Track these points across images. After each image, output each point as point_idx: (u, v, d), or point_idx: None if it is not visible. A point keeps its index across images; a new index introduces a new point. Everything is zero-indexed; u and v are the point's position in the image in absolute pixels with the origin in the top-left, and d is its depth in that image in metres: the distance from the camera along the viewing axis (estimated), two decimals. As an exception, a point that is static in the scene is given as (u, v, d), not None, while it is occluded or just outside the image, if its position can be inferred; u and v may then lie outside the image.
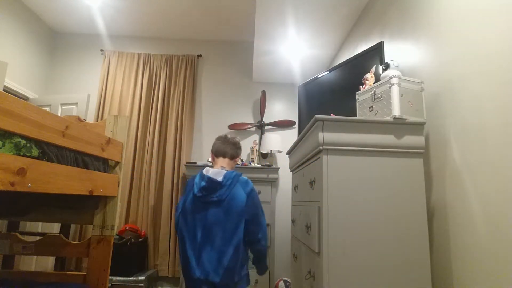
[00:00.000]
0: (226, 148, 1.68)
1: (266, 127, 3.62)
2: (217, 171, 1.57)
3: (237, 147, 1.72)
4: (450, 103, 1.30)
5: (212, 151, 1.73)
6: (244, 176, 1.63)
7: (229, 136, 1.75)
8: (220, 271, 1.41)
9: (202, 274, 1.42)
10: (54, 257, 2.56)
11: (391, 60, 1.52)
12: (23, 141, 0.99)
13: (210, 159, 2.65)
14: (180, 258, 1.55)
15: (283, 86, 3.79)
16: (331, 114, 1.57)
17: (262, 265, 1.64)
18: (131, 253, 2.84)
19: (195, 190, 1.54)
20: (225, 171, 1.57)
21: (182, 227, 1.54)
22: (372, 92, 1.46)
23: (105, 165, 1.58)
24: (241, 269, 1.48)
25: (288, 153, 2.13)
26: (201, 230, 1.48)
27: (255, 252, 1.58)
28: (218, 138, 1.73)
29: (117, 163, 1.70)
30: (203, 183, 1.53)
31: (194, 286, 1.47)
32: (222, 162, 1.67)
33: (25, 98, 3.33)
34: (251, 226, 1.51)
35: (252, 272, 2.89)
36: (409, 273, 1.22)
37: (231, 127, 3.56)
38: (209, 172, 1.57)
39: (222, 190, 1.50)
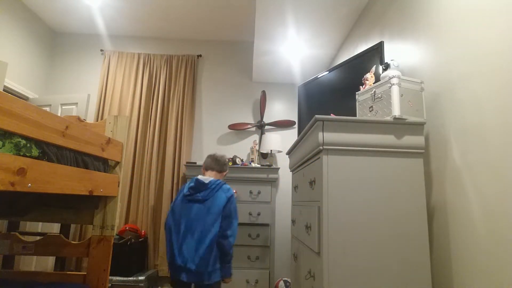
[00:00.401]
0: (213, 164, 1.99)
1: (266, 127, 3.62)
2: (206, 178, 1.89)
3: (223, 164, 2.02)
4: (450, 103, 1.30)
5: (203, 166, 2.03)
6: (228, 185, 1.92)
7: (217, 154, 2.06)
8: (196, 259, 1.65)
9: (182, 261, 1.66)
10: (54, 257, 2.56)
11: (391, 60, 1.52)
12: (23, 141, 0.99)
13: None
14: (166, 248, 1.79)
15: (283, 86, 3.79)
16: (331, 114, 1.57)
17: (226, 264, 1.75)
18: (131, 253, 2.84)
19: (185, 190, 1.85)
20: (212, 178, 1.89)
21: (169, 220, 1.82)
22: (372, 92, 1.46)
23: (105, 165, 1.58)
24: (214, 262, 1.69)
25: (288, 153, 2.13)
26: (184, 223, 1.74)
27: (220, 246, 1.72)
28: (208, 156, 2.05)
29: (117, 163, 1.70)
30: (192, 184, 1.85)
31: (176, 272, 1.69)
32: (210, 174, 1.98)
33: (25, 98, 3.33)
34: (224, 222, 1.76)
35: (252, 272, 2.90)
36: (409, 273, 1.22)
37: (231, 127, 3.56)
38: (199, 177, 1.90)
39: (207, 191, 1.80)
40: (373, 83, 1.58)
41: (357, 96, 1.58)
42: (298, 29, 2.61)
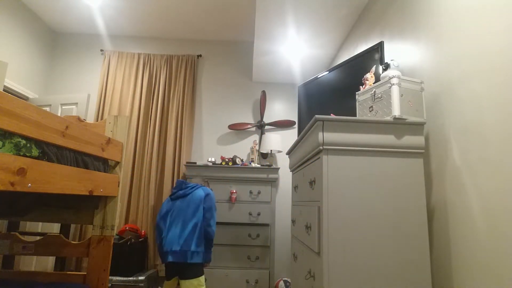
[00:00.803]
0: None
1: (266, 127, 3.62)
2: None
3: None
4: (450, 103, 1.30)
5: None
6: (206, 187, 2.23)
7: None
8: (181, 241, 1.91)
9: (168, 247, 1.91)
10: (54, 257, 2.56)
11: (391, 60, 1.52)
12: (23, 141, 0.99)
13: (210, 159, 3.08)
14: (156, 240, 2.09)
15: (283, 86, 3.79)
16: (331, 114, 1.57)
17: (208, 251, 2.04)
18: (131, 253, 2.84)
19: (172, 192, 2.16)
20: (195, 184, 2.19)
21: (158, 217, 2.12)
22: (372, 92, 1.46)
23: (105, 165, 1.58)
24: (197, 245, 1.94)
25: (288, 153, 2.13)
26: (169, 216, 2.05)
27: (206, 233, 2.02)
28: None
29: (117, 163, 1.70)
30: (175, 185, 2.19)
31: (164, 257, 1.94)
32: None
33: (25, 98, 3.33)
34: (207, 213, 2.05)
35: (252, 272, 2.90)
36: (409, 273, 1.22)
37: (231, 127, 3.56)
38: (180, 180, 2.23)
39: (187, 189, 2.12)
40: (373, 83, 1.59)
41: (357, 96, 1.58)
42: (298, 29, 2.61)
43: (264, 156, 3.54)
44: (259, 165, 3.17)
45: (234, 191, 3.02)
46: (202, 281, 1.96)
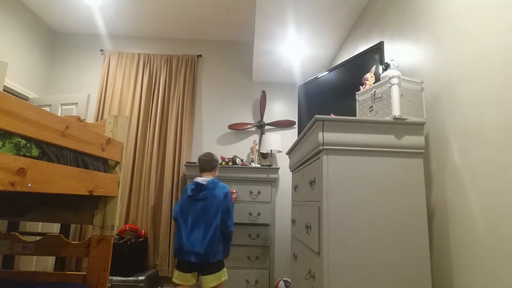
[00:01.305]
0: (204, 164, 2.32)
1: (266, 127, 3.62)
2: (203, 179, 2.23)
3: (211, 162, 2.34)
4: (450, 103, 1.30)
5: (198, 168, 2.35)
6: (223, 183, 2.27)
7: (205, 155, 2.36)
8: (204, 243, 2.02)
9: (191, 247, 2.02)
10: (54, 257, 2.56)
11: (391, 60, 1.51)
12: (23, 141, 0.99)
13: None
14: (175, 239, 2.12)
15: (283, 86, 3.79)
16: (331, 114, 1.57)
17: (226, 247, 2.19)
18: (131, 253, 2.84)
19: (189, 191, 2.20)
20: (209, 179, 2.23)
21: (178, 216, 2.17)
22: (372, 92, 1.46)
23: (105, 165, 1.58)
24: (217, 245, 2.08)
25: (288, 153, 2.13)
26: (191, 218, 2.11)
27: (224, 233, 2.15)
28: (199, 159, 2.35)
29: (117, 163, 1.70)
30: (193, 186, 2.20)
31: (185, 256, 2.03)
32: (206, 175, 2.31)
33: (25, 98, 3.33)
34: (224, 215, 2.14)
35: (252, 272, 2.90)
36: (409, 273, 1.22)
37: (231, 127, 3.56)
38: (198, 179, 2.24)
39: (206, 191, 2.16)
40: (373, 83, 1.58)
41: (357, 96, 1.58)
42: (298, 29, 2.61)
43: (264, 156, 3.54)
44: (259, 165, 3.17)
45: (234, 191, 3.02)
46: (224, 272, 2.14)
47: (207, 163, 2.32)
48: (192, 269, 2.07)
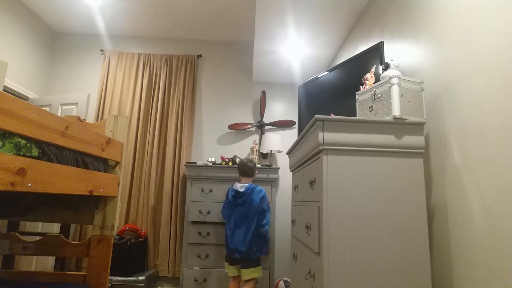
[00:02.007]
0: (246, 170, 2.60)
1: (266, 127, 3.62)
2: (241, 185, 2.53)
3: (254, 167, 2.64)
4: (450, 103, 1.30)
5: (238, 170, 2.65)
6: (259, 187, 2.54)
7: (247, 160, 2.64)
8: (246, 244, 2.35)
9: (235, 245, 2.37)
10: (54, 257, 2.56)
11: (391, 60, 1.51)
12: (23, 141, 0.99)
13: (210, 159, 3.16)
14: (225, 237, 2.50)
15: (283, 86, 3.79)
16: (331, 114, 1.57)
17: (263, 246, 2.48)
18: (131, 253, 2.84)
19: (229, 197, 2.53)
20: (248, 185, 2.52)
21: (224, 213, 2.57)
22: (372, 92, 1.46)
23: (105, 165, 1.58)
24: (256, 244, 2.39)
25: (288, 153, 2.13)
26: (233, 220, 2.45)
27: (259, 233, 2.42)
28: (241, 164, 2.63)
29: (117, 163, 1.70)
30: (233, 193, 2.51)
31: (231, 252, 2.41)
32: (245, 180, 2.61)
33: (25, 98, 3.33)
34: (259, 217, 2.44)
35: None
36: (409, 273, 1.22)
37: (231, 127, 3.56)
38: (237, 186, 2.54)
39: (244, 197, 2.46)
40: (373, 83, 1.58)
41: (357, 96, 1.58)
42: (298, 29, 2.61)
43: (264, 156, 3.54)
44: (259, 165, 3.16)
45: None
46: (260, 269, 2.45)
47: (249, 169, 2.59)
48: (235, 263, 2.43)
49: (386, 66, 1.49)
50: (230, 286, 2.52)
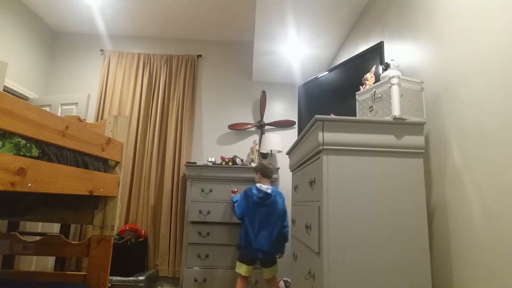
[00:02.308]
0: (268, 172, 2.65)
1: (266, 127, 3.62)
2: (267, 187, 2.56)
3: (272, 170, 2.71)
4: (450, 103, 1.30)
5: (259, 171, 2.64)
6: (279, 190, 2.65)
7: (266, 163, 2.70)
8: (270, 242, 2.40)
9: (259, 245, 2.39)
10: (54, 257, 2.56)
11: (391, 60, 1.51)
12: (23, 141, 0.99)
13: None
14: (242, 237, 2.48)
15: (283, 86, 3.79)
16: (331, 114, 1.57)
17: (282, 247, 2.58)
18: (131, 253, 2.84)
19: (255, 198, 2.51)
20: (272, 187, 2.58)
21: (246, 219, 2.51)
22: (372, 92, 1.46)
23: (105, 165, 1.58)
24: (277, 244, 2.47)
25: (288, 153, 2.13)
26: (257, 221, 2.47)
27: (283, 234, 2.53)
28: (264, 166, 2.65)
29: (117, 163, 1.70)
30: (260, 195, 2.51)
31: (253, 252, 2.41)
32: (267, 182, 2.63)
33: (25, 98, 3.33)
34: (283, 218, 2.53)
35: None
36: (409, 273, 1.22)
37: (231, 127, 3.56)
38: (262, 187, 2.55)
39: (270, 199, 2.52)
40: (373, 83, 1.58)
41: (357, 96, 1.58)
42: (298, 29, 2.61)
43: (264, 156, 3.54)
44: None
45: (236, 190, 3.01)
46: (277, 267, 2.57)
47: (270, 172, 2.66)
48: (254, 262, 2.48)
49: (386, 66, 1.49)
50: (238, 286, 2.50)
